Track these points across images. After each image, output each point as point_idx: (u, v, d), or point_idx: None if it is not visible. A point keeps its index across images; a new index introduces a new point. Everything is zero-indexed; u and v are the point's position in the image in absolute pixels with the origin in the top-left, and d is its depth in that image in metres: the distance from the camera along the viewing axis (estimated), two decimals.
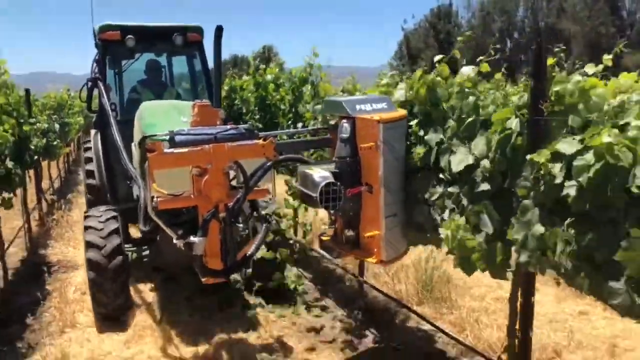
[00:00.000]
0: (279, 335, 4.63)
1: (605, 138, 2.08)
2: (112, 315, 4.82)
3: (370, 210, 3.40)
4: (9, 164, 5.05)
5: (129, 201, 5.42)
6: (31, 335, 4.66)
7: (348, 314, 5.04)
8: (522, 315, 2.93)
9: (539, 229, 2.39)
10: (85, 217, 5.05)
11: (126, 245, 5.28)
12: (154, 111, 4.69)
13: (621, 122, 2.21)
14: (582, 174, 2.15)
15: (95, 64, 5.71)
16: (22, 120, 6.12)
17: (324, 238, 3.81)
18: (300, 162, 3.67)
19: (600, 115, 2.37)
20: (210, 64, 5.32)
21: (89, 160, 6.21)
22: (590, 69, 2.64)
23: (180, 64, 6.98)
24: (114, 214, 5.01)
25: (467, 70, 3.34)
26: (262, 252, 5.11)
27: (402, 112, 3.47)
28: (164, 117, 4.46)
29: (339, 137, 3.48)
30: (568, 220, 2.26)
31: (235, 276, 5.43)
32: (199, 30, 6.08)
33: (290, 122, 6.27)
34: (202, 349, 4.38)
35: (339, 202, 3.26)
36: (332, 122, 3.90)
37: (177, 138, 3.47)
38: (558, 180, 2.28)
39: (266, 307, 5.16)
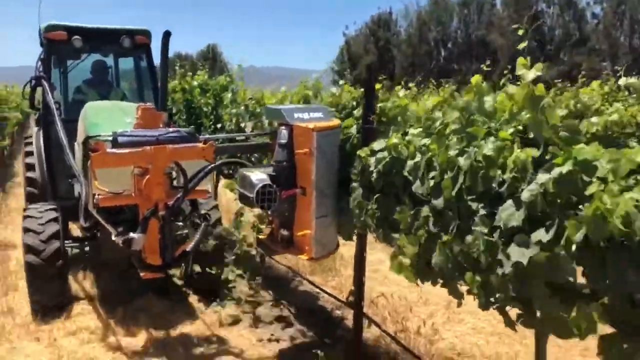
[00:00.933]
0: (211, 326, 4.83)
1: (394, 140, 3.20)
2: (49, 311, 4.88)
3: (303, 211, 3.64)
4: None
5: (69, 198, 5.45)
6: None
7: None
8: (356, 266, 4.05)
9: (362, 202, 3.49)
10: (24, 218, 4.96)
11: (66, 242, 5.35)
12: (98, 111, 4.80)
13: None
14: (380, 163, 3.26)
15: (39, 63, 5.74)
16: None
17: (260, 237, 4.08)
18: (240, 165, 3.93)
19: (416, 124, 3.48)
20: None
21: (29, 153, 6.20)
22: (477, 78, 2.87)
23: (127, 65, 7.06)
24: (55, 214, 4.99)
25: None
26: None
27: (336, 121, 3.74)
28: (108, 118, 4.58)
29: (278, 142, 3.68)
30: (376, 196, 3.36)
31: (175, 271, 5.73)
32: (146, 34, 6.20)
33: (211, 123, 7.23)
34: (141, 339, 4.54)
35: (274, 203, 3.50)
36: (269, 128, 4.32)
37: (120, 139, 3.67)
38: (372, 169, 3.39)
39: (201, 300, 5.31)
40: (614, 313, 1.96)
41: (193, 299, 5.43)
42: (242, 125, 5.86)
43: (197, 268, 5.31)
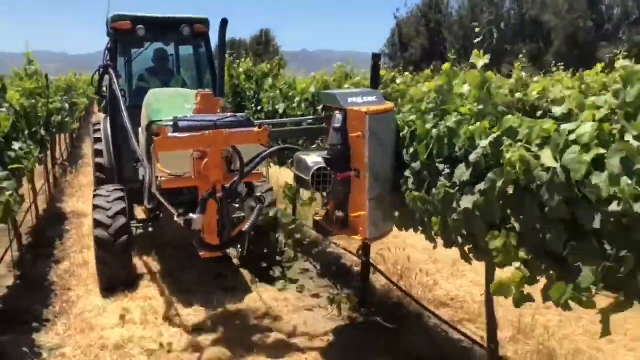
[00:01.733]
0: (269, 306, 4.93)
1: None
2: (117, 286, 5.11)
3: (357, 194, 3.70)
4: (42, 131, 6.84)
5: (134, 182, 5.70)
6: (60, 253, 6.45)
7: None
8: None
9: None
10: (94, 196, 5.26)
11: (132, 223, 5.56)
12: (160, 98, 5.07)
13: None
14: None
15: (107, 52, 6.09)
16: (47, 100, 7.88)
17: (317, 218, 4.09)
18: (294, 151, 4.07)
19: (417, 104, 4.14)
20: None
21: (98, 140, 6.47)
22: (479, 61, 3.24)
23: (186, 53, 7.27)
24: (122, 194, 5.24)
25: None
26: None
27: (389, 105, 3.76)
28: (170, 104, 4.82)
29: (332, 126, 3.74)
30: None
31: (232, 251, 5.92)
32: (205, 22, 6.36)
33: (253, 105, 8.07)
34: (200, 314, 4.74)
35: (329, 185, 3.61)
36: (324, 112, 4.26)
37: (181, 124, 3.84)
38: None
39: (258, 283, 5.43)
40: (527, 240, 2.63)
41: (247, 276, 5.64)
42: (277, 107, 6.66)
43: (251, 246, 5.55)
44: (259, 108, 7.71)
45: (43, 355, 4.05)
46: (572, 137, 2.38)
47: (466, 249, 3.13)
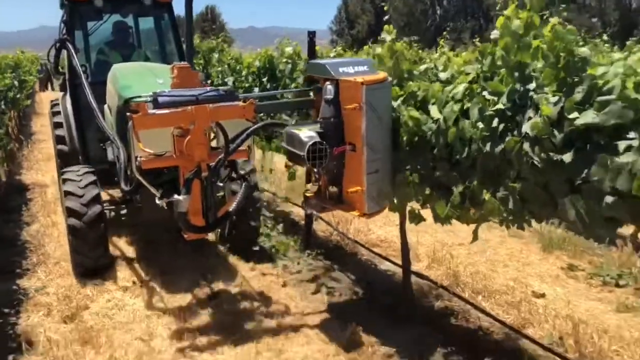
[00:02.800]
0: (259, 288, 4.78)
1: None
2: (93, 273, 4.91)
3: (353, 168, 3.57)
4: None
5: (102, 163, 5.35)
6: (28, 218, 6.90)
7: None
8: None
9: None
10: (64, 181, 4.87)
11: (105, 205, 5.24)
12: (128, 73, 4.85)
13: None
14: None
15: (62, 25, 5.61)
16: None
17: (307, 195, 3.93)
18: (282, 127, 3.87)
19: None
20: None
21: (58, 125, 5.97)
22: None
23: (147, 25, 6.94)
24: (93, 177, 4.90)
25: None
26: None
27: (383, 74, 3.59)
28: (139, 79, 4.64)
29: (324, 98, 3.59)
30: None
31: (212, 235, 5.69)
32: None
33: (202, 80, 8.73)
34: (185, 297, 4.59)
35: (325, 160, 3.44)
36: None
37: (161, 99, 3.61)
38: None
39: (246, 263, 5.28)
40: (426, 178, 3.48)
41: (230, 257, 5.49)
42: (226, 79, 7.33)
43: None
44: (208, 82, 8.34)
45: (30, 295, 4.65)
46: (451, 95, 3.25)
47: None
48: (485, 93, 3.02)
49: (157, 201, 3.73)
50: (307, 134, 3.51)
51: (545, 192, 2.76)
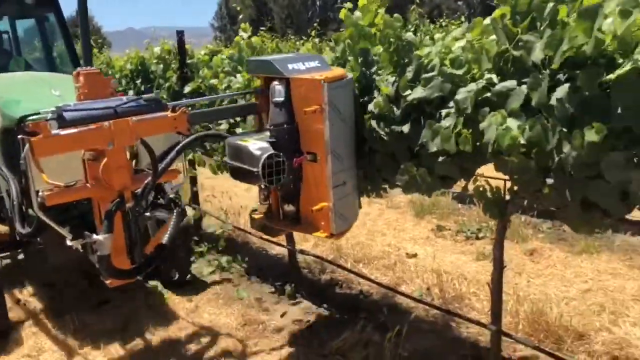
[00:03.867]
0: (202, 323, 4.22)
1: (199, 82, 4.80)
2: None
3: (315, 181, 3.05)
4: None
5: None
6: None
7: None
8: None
9: None
10: None
11: None
12: (10, 85, 4.08)
13: None
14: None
15: None
16: None
17: (255, 216, 3.40)
18: (221, 139, 3.38)
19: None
20: None
21: None
22: None
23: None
24: None
25: None
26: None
27: (342, 70, 3.16)
28: (28, 92, 3.91)
29: (273, 101, 3.06)
30: None
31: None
32: None
33: None
34: (115, 351, 3.90)
35: (283, 175, 2.91)
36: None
37: (67, 115, 2.73)
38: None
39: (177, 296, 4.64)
40: None
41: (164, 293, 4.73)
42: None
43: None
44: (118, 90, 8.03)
45: None
46: None
47: None
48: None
49: (69, 243, 2.92)
50: (257, 145, 2.96)
51: (392, 161, 3.16)
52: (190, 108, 3.23)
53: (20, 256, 4.91)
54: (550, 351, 3.30)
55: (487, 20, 2.70)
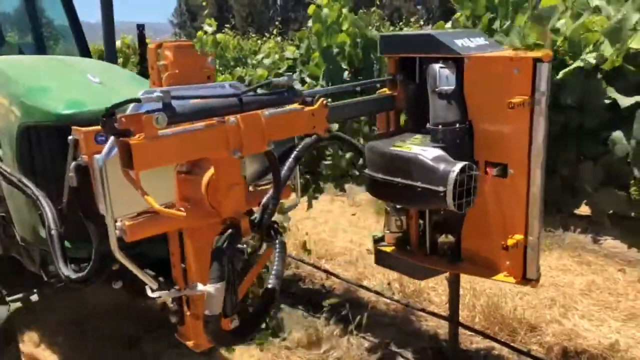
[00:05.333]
0: None
1: None
2: None
3: (505, 204, 2.17)
4: None
5: None
6: None
7: None
8: None
9: None
10: None
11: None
12: (31, 70, 3.11)
13: None
14: None
15: None
16: None
17: (382, 249, 2.50)
18: (350, 147, 2.60)
19: None
20: None
21: None
22: None
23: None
24: None
25: None
26: None
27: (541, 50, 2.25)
28: (58, 78, 2.97)
29: (436, 91, 2.18)
30: None
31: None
32: None
33: None
34: None
35: (474, 195, 2.04)
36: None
37: (178, 105, 1.68)
38: None
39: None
40: None
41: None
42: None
43: None
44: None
45: None
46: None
47: None
48: (305, 77, 3.42)
49: (153, 295, 1.91)
50: (429, 152, 2.06)
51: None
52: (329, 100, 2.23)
53: (34, 297, 3.41)
54: (505, 342, 3.46)
55: (449, 24, 2.81)
